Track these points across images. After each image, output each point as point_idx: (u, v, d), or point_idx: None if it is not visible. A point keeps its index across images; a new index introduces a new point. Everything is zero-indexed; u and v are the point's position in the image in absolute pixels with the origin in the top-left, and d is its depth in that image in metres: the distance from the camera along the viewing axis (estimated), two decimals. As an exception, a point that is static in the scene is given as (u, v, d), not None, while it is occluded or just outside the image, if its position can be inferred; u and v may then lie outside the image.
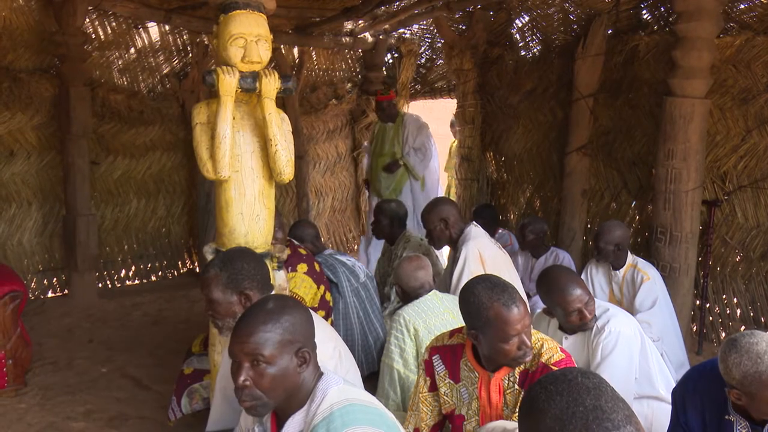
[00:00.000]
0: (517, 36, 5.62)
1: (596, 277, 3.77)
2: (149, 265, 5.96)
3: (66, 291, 5.37)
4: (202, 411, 3.04)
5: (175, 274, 6.14)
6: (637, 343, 2.62)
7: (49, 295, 5.36)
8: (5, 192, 5.03)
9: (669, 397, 2.36)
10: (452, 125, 7.69)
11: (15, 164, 5.11)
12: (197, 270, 6.10)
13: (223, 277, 2.17)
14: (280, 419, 1.68)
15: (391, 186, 5.61)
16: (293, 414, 1.64)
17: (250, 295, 2.18)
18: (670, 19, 4.36)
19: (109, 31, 5.49)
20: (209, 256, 2.62)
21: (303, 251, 3.24)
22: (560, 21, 5.15)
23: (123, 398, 3.49)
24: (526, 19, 5.49)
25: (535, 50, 5.48)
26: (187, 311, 5.13)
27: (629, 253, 3.71)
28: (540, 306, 3.77)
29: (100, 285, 5.54)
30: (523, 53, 5.58)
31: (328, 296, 3.23)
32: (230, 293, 2.17)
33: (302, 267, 3.11)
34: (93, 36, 5.35)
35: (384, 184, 5.63)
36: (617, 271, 3.68)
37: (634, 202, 4.70)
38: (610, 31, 4.72)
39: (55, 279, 5.40)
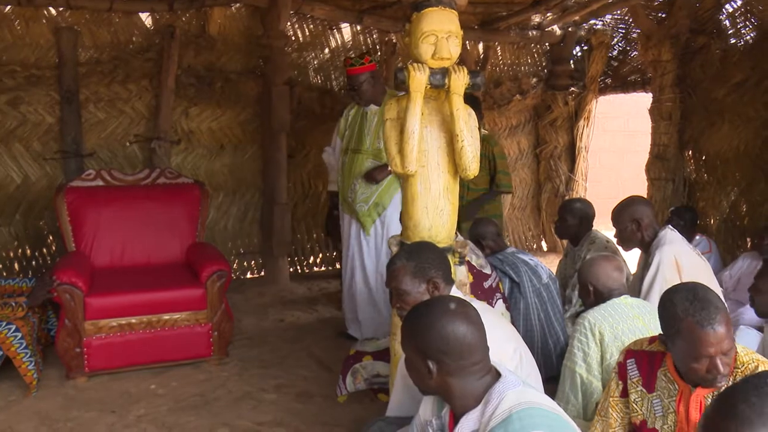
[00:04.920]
0: (727, 22, 5.13)
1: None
2: (335, 254, 6.30)
3: (262, 273, 5.85)
4: (368, 391, 3.26)
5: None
6: None
7: (248, 276, 5.87)
8: (215, 181, 5.58)
9: None
10: None
11: (224, 156, 5.66)
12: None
13: (410, 267, 2.24)
14: (456, 415, 1.70)
15: (371, 199, 3.94)
16: (468, 412, 1.64)
17: (438, 283, 2.22)
18: None
19: (307, 33, 5.87)
20: (394, 249, 2.70)
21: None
22: (781, 4, 4.62)
23: (309, 376, 3.73)
24: (739, 3, 4.98)
25: (748, 37, 4.96)
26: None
27: None
28: (745, 318, 3.42)
29: (291, 269, 5.96)
30: (733, 41, 5.07)
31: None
32: (418, 282, 2.23)
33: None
34: (293, 38, 5.74)
35: (360, 196, 3.96)
36: None
37: None
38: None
39: (253, 261, 5.91)
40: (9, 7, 4.76)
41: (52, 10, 4.93)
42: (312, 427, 3.11)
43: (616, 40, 6.64)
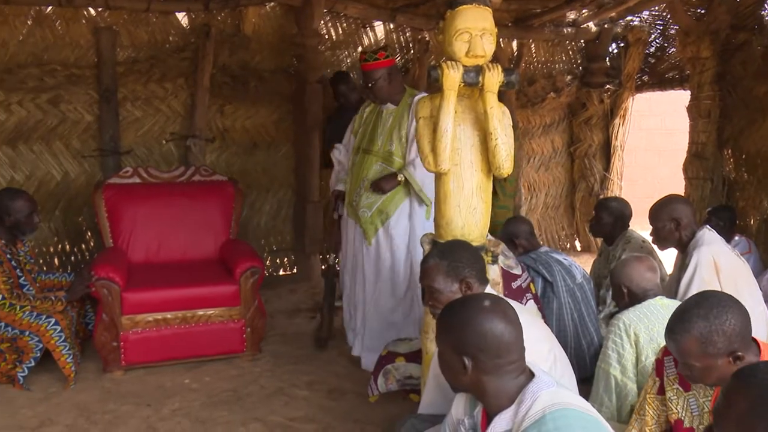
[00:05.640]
0: (769, 18, 5.00)
1: None
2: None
3: (294, 270, 5.89)
4: (399, 391, 3.24)
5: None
6: None
7: (280, 273, 5.92)
8: (249, 179, 5.63)
9: None
10: None
11: (257, 154, 5.70)
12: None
13: (443, 266, 2.23)
14: (489, 414, 1.69)
15: (374, 205, 3.66)
16: (501, 412, 1.63)
17: (470, 283, 2.21)
18: None
19: (340, 32, 5.88)
20: (426, 247, 2.70)
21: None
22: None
23: (341, 373, 3.75)
24: (782, -2, 4.86)
25: (790, 34, 4.83)
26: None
27: None
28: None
29: (323, 267, 5.99)
30: (775, 37, 4.94)
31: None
32: (451, 282, 2.23)
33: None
34: (326, 37, 5.76)
35: (364, 201, 3.69)
36: None
37: None
38: None
39: (285, 259, 5.95)
40: (50, 8, 4.87)
41: (92, 11, 5.02)
42: (343, 424, 3.12)
43: (653, 36, 6.51)
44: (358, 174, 3.75)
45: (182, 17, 5.32)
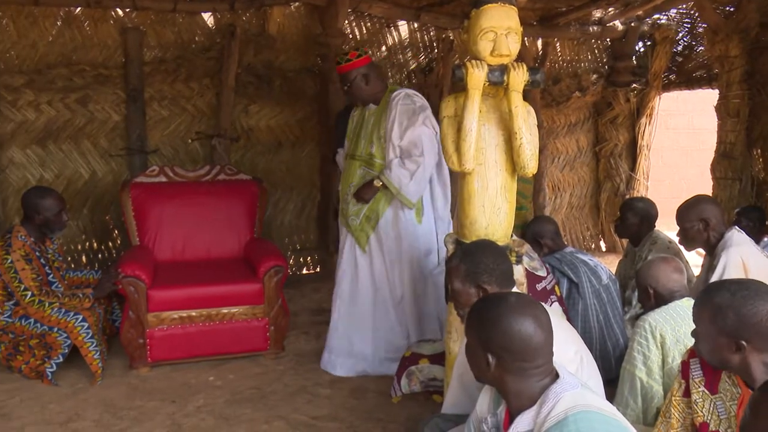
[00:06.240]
0: (800, 16, 4.90)
1: None
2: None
3: (318, 269, 5.91)
4: (422, 392, 3.24)
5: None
6: None
7: (304, 272, 5.95)
8: (273, 178, 5.66)
9: None
10: None
11: (281, 153, 5.73)
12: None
13: (462, 269, 2.23)
14: (512, 413, 1.68)
15: (362, 212, 3.54)
16: (523, 412, 1.62)
17: (487, 289, 2.20)
18: None
19: (364, 31, 5.88)
20: (450, 247, 2.70)
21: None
22: None
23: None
24: (814, -5, 4.76)
25: (822, 31, 4.73)
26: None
27: None
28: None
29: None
30: (806, 36, 4.85)
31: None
32: (468, 285, 2.23)
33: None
34: (350, 36, 5.77)
35: (351, 209, 3.58)
36: None
37: None
38: None
39: (309, 258, 5.98)
40: (79, 8, 4.95)
41: (119, 11, 5.09)
42: (366, 423, 3.13)
43: (681, 35, 6.43)
44: (345, 180, 3.65)
45: (208, 17, 5.38)
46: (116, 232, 5.30)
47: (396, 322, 3.67)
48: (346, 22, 5.61)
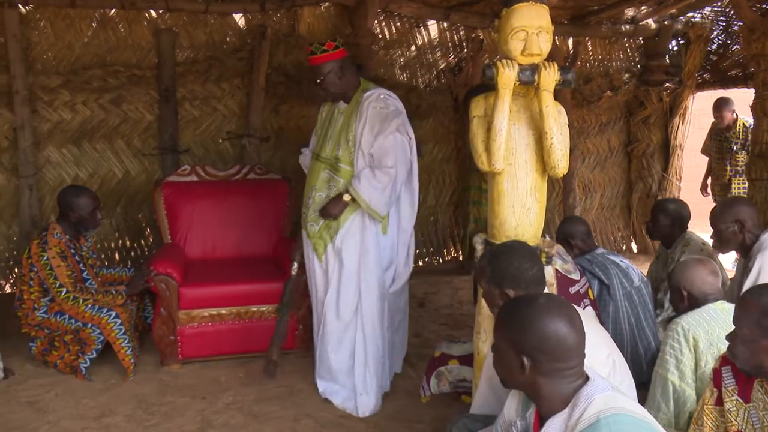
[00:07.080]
0: (841, 13, 4.77)
1: None
2: (417, 251, 6.29)
3: (345, 269, 5.92)
4: (451, 393, 3.20)
5: (440, 261, 6.41)
6: None
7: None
8: (302, 178, 5.64)
9: None
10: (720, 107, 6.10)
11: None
12: (461, 259, 6.29)
13: (488, 272, 2.22)
14: (542, 417, 1.67)
15: (321, 220, 3.27)
16: (554, 415, 1.61)
17: (508, 293, 2.18)
18: None
19: (394, 31, 5.89)
20: (479, 247, 2.68)
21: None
22: None
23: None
24: None
25: None
26: (450, 297, 5.32)
27: None
28: None
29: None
30: None
31: None
32: (493, 287, 2.22)
33: None
34: (380, 36, 5.78)
35: (311, 214, 3.31)
36: None
37: None
38: None
39: (336, 257, 5.99)
40: (113, 10, 5.04)
41: (153, 13, 5.17)
42: (394, 423, 3.13)
43: (715, 33, 6.30)
44: (308, 183, 3.38)
45: (239, 18, 5.43)
46: (148, 230, 5.39)
47: (337, 343, 3.33)
48: (376, 22, 5.62)
